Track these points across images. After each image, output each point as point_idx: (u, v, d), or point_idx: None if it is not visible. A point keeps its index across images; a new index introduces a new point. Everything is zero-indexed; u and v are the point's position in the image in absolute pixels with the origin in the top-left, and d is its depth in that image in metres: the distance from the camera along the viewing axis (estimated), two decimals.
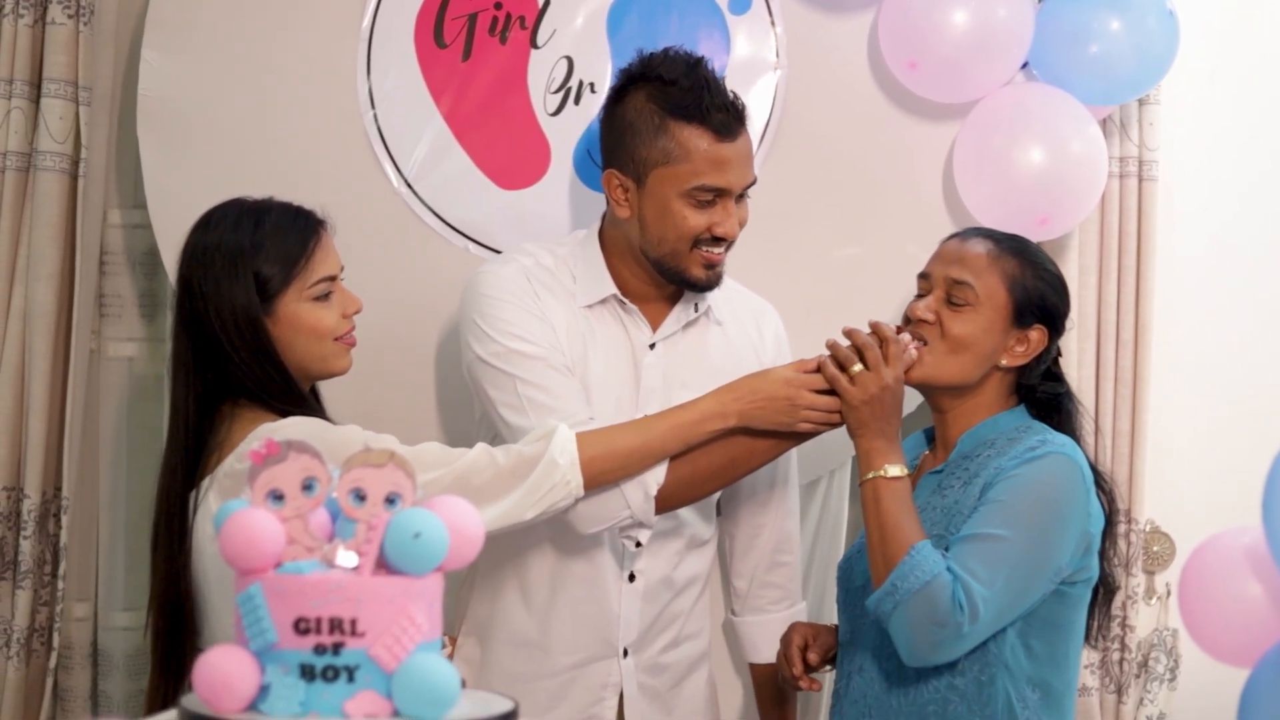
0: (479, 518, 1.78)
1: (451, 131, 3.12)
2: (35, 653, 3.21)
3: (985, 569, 2.28)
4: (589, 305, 2.69)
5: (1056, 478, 2.36)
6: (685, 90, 2.57)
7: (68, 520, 3.21)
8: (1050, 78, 3.09)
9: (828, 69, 3.14)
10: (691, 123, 2.56)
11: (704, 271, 2.63)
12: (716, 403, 2.51)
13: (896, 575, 2.28)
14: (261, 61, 3.15)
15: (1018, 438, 2.43)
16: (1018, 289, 2.46)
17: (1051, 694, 2.41)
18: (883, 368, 2.41)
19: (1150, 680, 3.31)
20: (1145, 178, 3.27)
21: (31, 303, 3.18)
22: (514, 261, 2.71)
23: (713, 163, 2.56)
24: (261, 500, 1.72)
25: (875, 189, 3.14)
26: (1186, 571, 2.28)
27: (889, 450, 2.40)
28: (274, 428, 2.31)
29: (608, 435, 2.49)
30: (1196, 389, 3.43)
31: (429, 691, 1.64)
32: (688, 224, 2.58)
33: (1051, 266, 2.54)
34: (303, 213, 2.47)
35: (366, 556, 1.69)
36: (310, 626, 1.64)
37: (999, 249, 2.49)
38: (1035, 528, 2.33)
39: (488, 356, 2.62)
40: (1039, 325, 2.48)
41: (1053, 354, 2.53)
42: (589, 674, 2.73)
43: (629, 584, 2.73)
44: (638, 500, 2.54)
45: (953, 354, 2.46)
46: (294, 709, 1.64)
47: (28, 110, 3.21)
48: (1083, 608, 2.45)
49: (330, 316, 2.46)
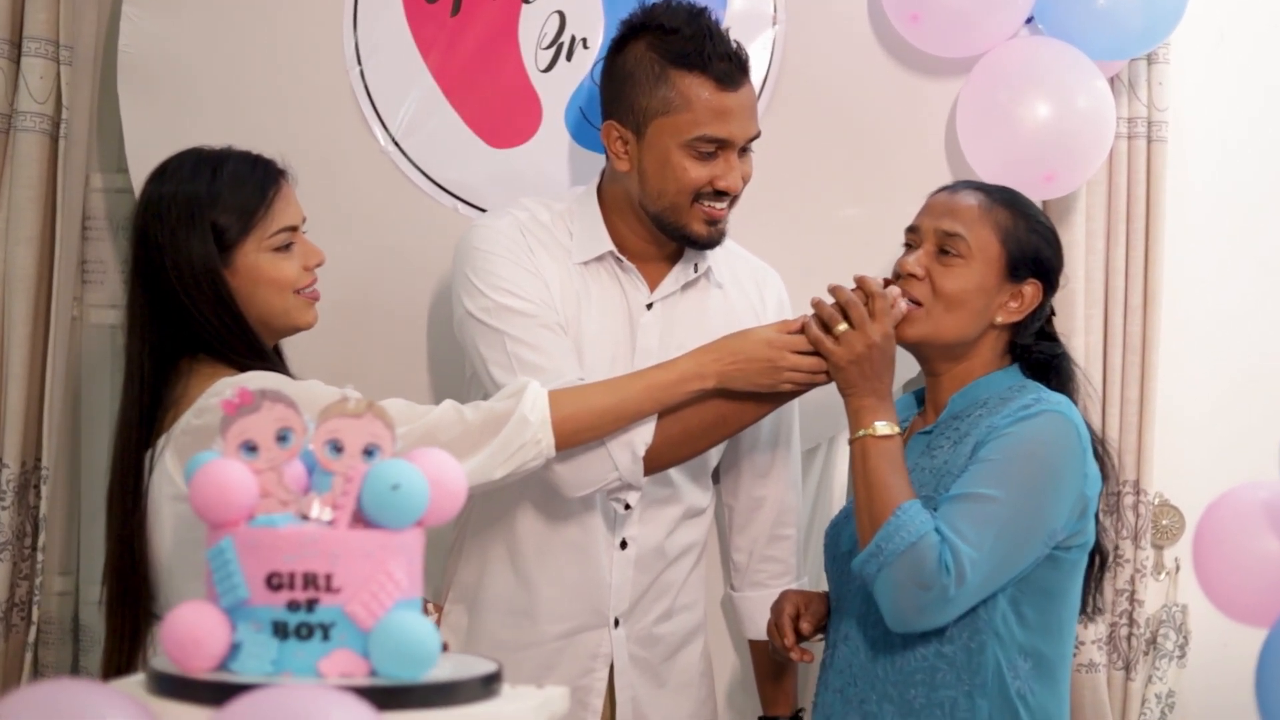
0: (461, 471, 1.72)
1: (440, 88, 3.07)
2: (14, 627, 3.16)
3: (974, 530, 2.21)
4: (584, 262, 2.64)
5: (1051, 435, 2.29)
6: (687, 39, 2.52)
7: (48, 491, 3.16)
8: (1056, 31, 3.04)
9: (828, 23, 3.08)
10: (693, 71, 2.52)
11: (705, 227, 2.57)
12: (695, 363, 2.46)
13: (881, 536, 2.23)
14: (245, 18, 3.10)
15: (1011, 396, 2.36)
16: (1011, 241, 2.40)
17: (1044, 663, 2.33)
18: (869, 324, 2.34)
19: (1159, 657, 3.26)
20: (1154, 139, 3.21)
21: (11, 267, 3.13)
22: (508, 215, 2.66)
23: (714, 112, 2.51)
24: (234, 451, 1.67)
25: (877, 146, 3.08)
26: (1200, 528, 2.21)
27: (879, 408, 2.34)
28: (231, 382, 2.25)
29: (581, 394, 2.44)
30: (1207, 357, 3.37)
31: (407, 650, 1.59)
32: (688, 176, 2.53)
33: (1044, 219, 2.48)
34: (261, 161, 2.42)
35: (343, 510, 1.65)
36: (283, 582, 1.60)
37: (991, 200, 2.43)
38: (1027, 488, 2.26)
39: (477, 311, 2.57)
40: (1033, 280, 2.41)
41: (1047, 311, 2.46)
42: (578, 644, 2.68)
43: (620, 551, 2.67)
44: (625, 461, 2.49)
45: (948, 311, 2.39)
46: (266, 668, 1.59)
47: (7, 69, 3.16)
48: (1078, 575, 2.38)
49: (291, 268, 2.40)
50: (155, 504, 2.30)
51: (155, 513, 2.30)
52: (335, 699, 1.44)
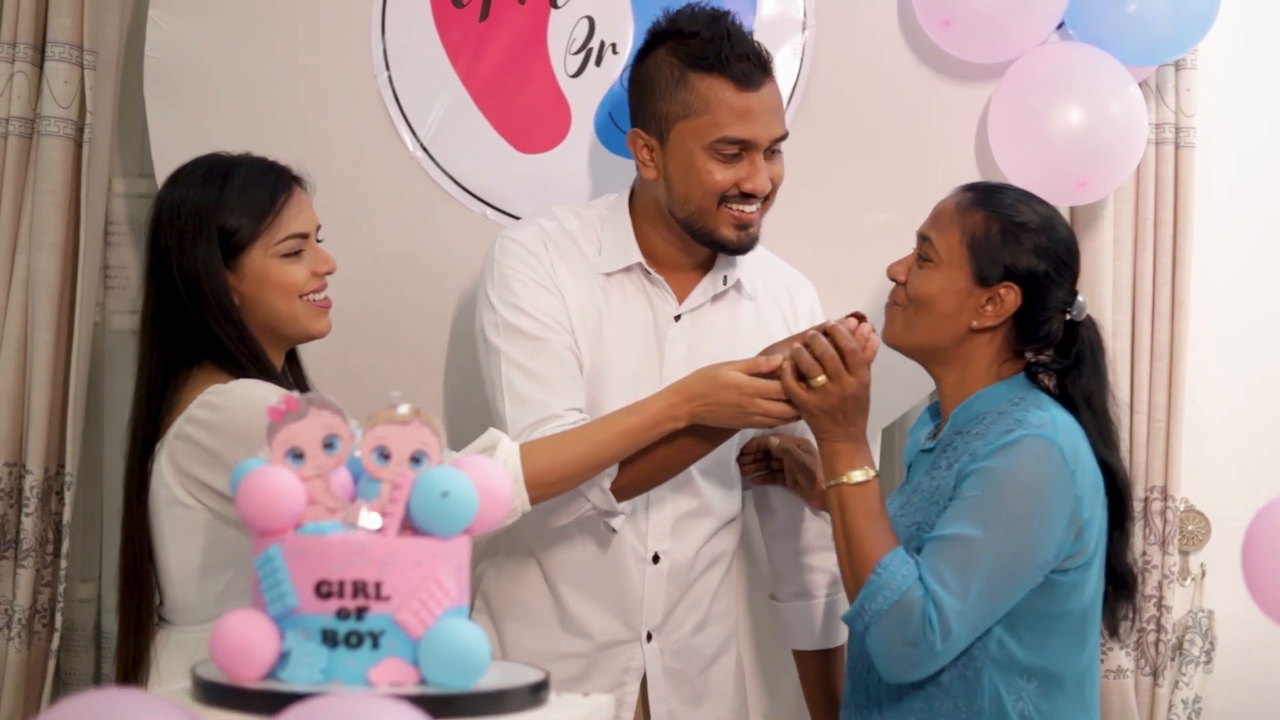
0: (508, 478, 1.72)
1: (469, 93, 3.05)
2: (37, 634, 3.14)
3: (957, 577, 2.19)
4: (610, 273, 2.62)
5: (1031, 463, 2.24)
6: (706, 41, 2.52)
7: (71, 498, 3.14)
8: (1087, 37, 3.02)
9: (858, 28, 3.07)
10: (711, 73, 2.51)
11: (735, 231, 2.55)
12: (666, 405, 2.43)
13: (865, 595, 2.21)
14: (273, 22, 3.08)
15: (1005, 412, 2.31)
16: (978, 244, 2.35)
17: (1054, 680, 2.30)
18: (845, 377, 2.30)
19: (1186, 663, 3.24)
20: (1182, 145, 3.20)
21: (34, 273, 3.11)
22: (534, 225, 2.65)
23: (735, 113, 2.50)
24: (280, 459, 1.66)
25: (906, 152, 3.07)
26: (1251, 532, 2.19)
27: (855, 453, 2.31)
28: (218, 389, 2.27)
29: (554, 447, 2.41)
30: (1234, 364, 3.35)
31: (458, 659, 1.58)
32: (713, 179, 2.52)
33: (1034, 219, 2.39)
34: (274, 168, 2.43)
35: (391, 517, 1.64)
36: (333, 590, 1.59)
37: (968, 201, 2.40)
38: (1011, 524, 2.22)
39: (487, 326, 2.58)
40: (1008, 283, 2.35)
41: (1047, 314, 2.38)
42: (610, 657, 2.66)
43: (653, 565, 2.65)
44: (595, 496, 2.50)
45: (916, 314, 2.38)
46: (315, 677, 1.58)
47: (31, 74, 3.14)
48: (1080, 592, 2.31)
49: (299, 273, 2.40)
50: (155, 508, 2.31)
51: (156, 516, 2.32)
52: (388, 707, 1.43)
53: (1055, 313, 2.39)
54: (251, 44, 3.08)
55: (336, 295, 2.49)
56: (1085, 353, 2.40)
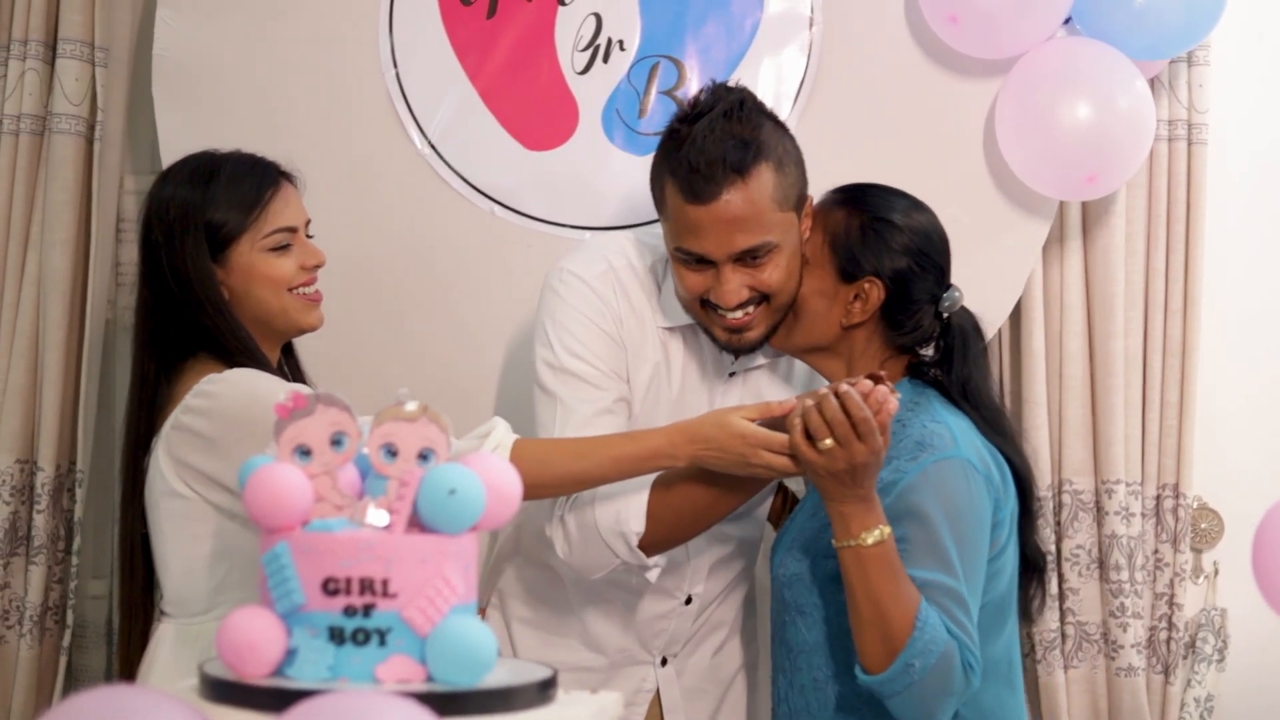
0: (517, 476, 1.71)
1: (476, 91, 3.06)
2: (49, 631, 3.15)
3: (962, 615, 2.19)
4: (669, 328, 2.53)
5: (952, 490, 2.23)
6: (679, 140, 2.33)
7: (82, 495, 3.15)
8: (1094, 32, 3.01)
9: (865, 24, 3.07)
10: (673, 178, 2.34)
11: (726, 334, 2.41)
12: (666, 442, 2.31)
13: (911, 654, 2.15)
14: (280, 20, 3.10)
15: (903, 421, 2.28)
16: (839, 242, 2.36)
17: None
18: (854, 444, 2.16)
19: (1198, 661, 3.23)
20: (1195, 141, 3.19)
21: (46, 270, 3.12)
22: (604, 262, 2.52)
23: (686, 226, 2.33)
24: (288, 455, 1.65)
25: (914, 148, 3.06)
26: (1262, 529, 2.18)
27: (866, 514, 2.19)
28: (213, 378, 2.27)
29: (544, 454, 2.35)
30: (1247, 361, 3.34)
31: (465, 656, 1.58)
32: (685, 284, 2.39)
33: (895, 215, 2.37)
34: (260, 163, 2.43)
35: (398, 514, 1.63)
36: (340, 587, 1.59)
37: (831, 200, 2.40)
38: (968, 552, 2.23)
39: (542, 364, 2.48)
40: (871, 278, 2.34)
41: (913, 308, 2.36)
42: (623, 676, 2.65)
43: (684, 605, 2.63)
44: (622, 550, 2.40)
45: (794, 318, 2.39)
46: (322, 674, 1.58)
47: (43, 72, 3.16)
48: (999, 579, 2.32)
49: (287, 267, 2.40)
50: (152, 501, 2.32)
51: (153, 509, 2.32)
52: (394, 704, 1.43)
53: (923, 305, 2.38)
54: (259, 42, 3.09)
55: (344, 291, 2.49)
56: (955, 344, 2.39)
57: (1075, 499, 3.15)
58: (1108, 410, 3.13)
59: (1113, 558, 3.13)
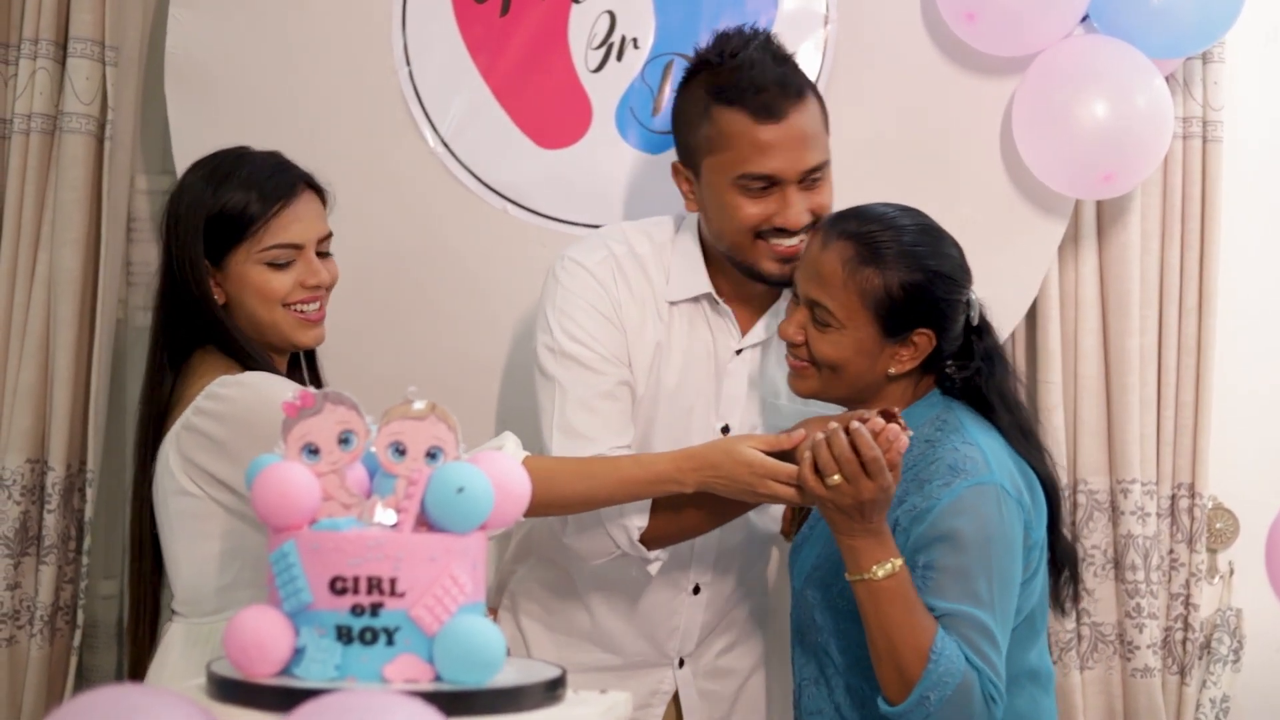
0: (525, 475, 1.70)
1: (489, 89, 3.05)
2: (60, 631, 3.14)
3: (988, 645, 2.17)
4: (676, 302, 2.54)
5: (985, 516, 2.20)
6: (727, 71, 2.41)
7: (93, 495, 3.14)
8: (1111, 29, 3.00)
9: (881, 22, 3.05)
10: (731, 106, 2.40)
11: (776, 265, 2.44)
12: (674, 468, 2.33)
13: (926, 686, 2.13)
14: (293, 18, 3.09)
15: (932, 441, 2.27)
16: (880, 305, 2.28)
17: (1012, 679, 2.27)
18: (862, 481, 2.14)
19: (1214, 661, 3.22)
20: (1210, 139, 3.17)
21: (56, 269, 3.11)
22: (604, 249, 2.56)
23: (755, 148, 2.39)
24: (296, 454, 1.65)
25: (930, 147, 3.05)
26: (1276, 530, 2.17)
27: (877, 547, 2.17)
28: (226, 380, 2.27)
29: (551, 473, 2.34)
30: (1262, 360, 3.33)
31: (473, 655, 1.57)
32: (741, 214, 2.42)
33: (925, 253, 2.31)
34: (282, 171, 2.40)
35: (406, 513, 1.63)
36: (347, 586, 1.59)
37: (856, 257, 2.29)
38: (1000, 579, 2.20)
39: (544, 349, 2.50)
40: (921, 330, 2.30)
41: (948, 342, 2.33)
42: (638, 678, 2.64)
43: (692, 596, 2.63)
44: (623, 542, 2.43)
45: (833, 374, 2.32)
46: (330, 673, 1.57)
47: (53, 71, 3.15)
48: (1030, 595, 2.30)
49: (280, 283, 2.36)
50: (161, 499, 2.31)
51: (162, 507, 2.31)
52: (402, 704, 1.43)
53: (961, 328, 2.35)
54: (272, 40, 3.08)
55: (355, 289, 2.48)
56: (992, 351, 2.37)
57: (1090, 499, 3.13)
58: (1123, 409, 3.11)
59: (1128, 558, 3.11)
